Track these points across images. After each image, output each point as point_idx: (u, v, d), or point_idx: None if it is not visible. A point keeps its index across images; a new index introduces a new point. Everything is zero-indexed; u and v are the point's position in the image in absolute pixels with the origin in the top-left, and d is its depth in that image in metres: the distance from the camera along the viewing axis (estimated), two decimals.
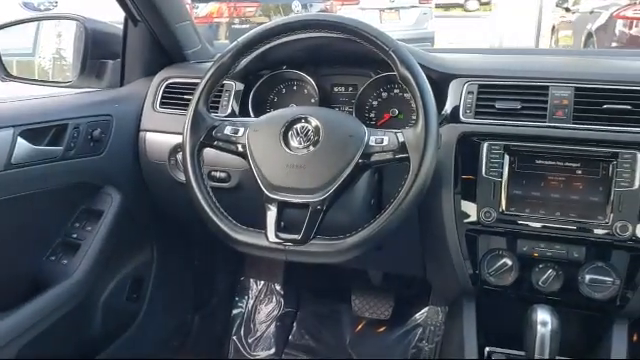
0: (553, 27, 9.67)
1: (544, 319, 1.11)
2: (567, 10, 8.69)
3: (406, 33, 7.41)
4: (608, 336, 1.23)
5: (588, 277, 1.16)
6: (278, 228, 1.07)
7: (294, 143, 1.11)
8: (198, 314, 2.03)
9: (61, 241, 1.46)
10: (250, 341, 2.15)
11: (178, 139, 1.29)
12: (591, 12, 7.70)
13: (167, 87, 1.55)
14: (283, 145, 1.11)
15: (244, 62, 1.26)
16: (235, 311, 2.23)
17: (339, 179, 1.07)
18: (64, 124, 1.35)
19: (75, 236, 1.46)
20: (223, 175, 1.41)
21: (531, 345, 1.11)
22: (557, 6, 8.74)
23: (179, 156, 1.45)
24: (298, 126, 1.12)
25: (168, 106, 1.52)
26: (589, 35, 7.62)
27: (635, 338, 1.68)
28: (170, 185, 1.48)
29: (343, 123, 1.14)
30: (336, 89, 1.48)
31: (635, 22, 6.83)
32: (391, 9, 8.31)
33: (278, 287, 2.26)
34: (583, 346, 1.31)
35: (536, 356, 1.10)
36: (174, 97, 1.52)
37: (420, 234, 1.36)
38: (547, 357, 1.09)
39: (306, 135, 1.11)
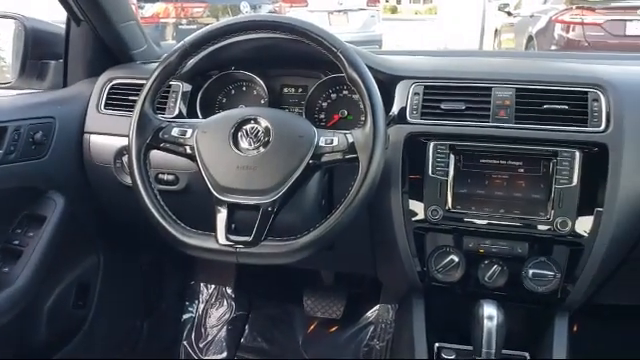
0: (496, 30, 9.98)
1: (490, 314, 1.14)
2: (509, 14, 8.98)
3: (354, 36, 7.50)
4: (551, 328, 1.28)
5: (531, 272, 1.20)
6: (228, 230, 1.06)
7: (244, 144, 1.11)
8: (147, 320, 1.99)
9: (2, 248, 1.40)
10: (201, 345, 2.12)
11: (124, 141, 1.27)
12: (531, 16, 7.98)
13: (112, 88, 1.51)
14: (232, 146, 1.11)
15: (191, 62, 1.24)
16: (185, 316, 2.20)
17: (290, 180, 1.07)
18: (3, 127, 1.30)
19: (17, 243, 1.41)
20: (171, 178, 1.38)
21: (478, 339, 1.14)
22: (499, 10, 9.02)
23: (125, 159, 1.41)
24: (248, 127, 1.12)
25: (113, 107, 1.49)
26: (530, 38, 7.89)
27: (575, 329, 1.76)
28: (116, 189, 1.44)
29: (293, 124, 1.15)
30: (286, 90, 1.48)
31: (572, 26, 7.12)
32: (339, 11, 8.39)
33: (229, 290, 2.24)
34: (528, 338, 1.35)
35: (483, 349, 1.13)
36: (119, 98, 1.48)
37: (370, 233, 1.38)
38: (494, 350, 1.12)
39: (256, 136, 1.11)
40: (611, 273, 1.25)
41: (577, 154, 1.16)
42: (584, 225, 1.17)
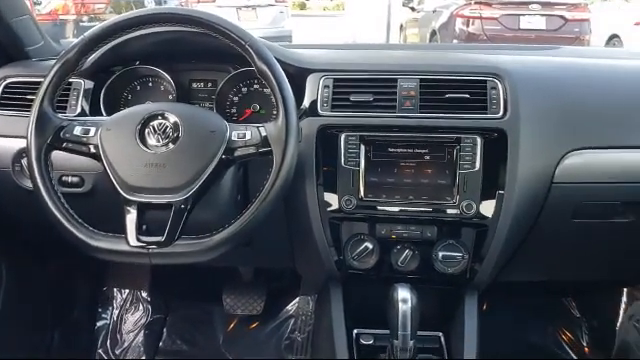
0: (401, 26, 10.28)
1: (404, 297, 1.17)
2: (412, 9, 9.29)
3: (264, 32, 7.46)
4: (461, 307, 1.34)
5: (441, 254, 1.26)
6: (139, 231, 1.03)
7: (152, 141, 1.08)
8: (58, 329, 1.89)
9: None
10: (118, 352, 2.04)
11: (22, 143, 1.19)
12: (434, 11, 8.30)
13: (7, 87, 1.41)
14: (140, 143, 1.07)
15: (93, 58, 1.19)
16: (99, 323, 2.11)
17: (202, 176, 1.05)
18: None
19: None
20: (75, 179, 1.32)
21: (394, 322, 1.18)
22: (403, 6, 9.31)
23: (24, 161, 1.33)
24: (155, 123, 1.09)
25: (9, 108, 1.39)
26: (433, 32, 8.21)
27: (485, 307, 1.86)
28: (16, 194, 1.36)
29: (204, 119, 1.13)
30: (195, 85, 1.45)
31: (472, 20, 7.48)
32: (248, 7, 8.34)
33: (145, 294, 2.17)
34: (441, 318, 1.41)
35: (399, 332, 1.17)
36: (15, 98, 1.39)
37: (287, 226, 1.38)
38: (409, 332, 1.16)
39: (164, 132, 1.08)
40: (514, 252, 1.33)
41: (478, 140, 1.22)
42: (488, 207, 1.23)
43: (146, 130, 1.08)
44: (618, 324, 2.05)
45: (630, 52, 1.97)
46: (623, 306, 2.07)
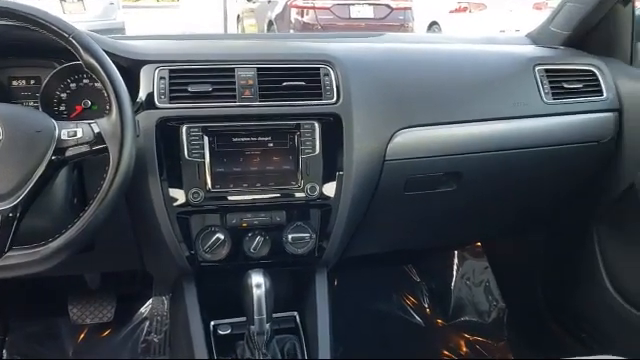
0: (238, 16, 10.27)
1: (258, 282, 1.20)
2: (249, 0, 9.32)
3: (93, 24, 7.02)
4: (313, 285, 1.40)
5: (290, 236, 1.30)
6: None
7: None
8: None
9: None
10: None
11: None
12: (269, 1, 8.41)
13: None
14: None
15: None
16: None
17: (31, 181, 0.98)
18: None
19: None
20: None
21: (249, 308, 1.20)
22: None
23: None
24: None
25: None
26: (270, 23, 8.33)
27: (336, 283, 1.96)
28: None
29: (27, 118, 1.04)
30: (15, 83, 1.33)
31: (306, 10, 7.71)
32: None
33: None
34: (296, 299, 1.46)
35: (255, 317, 1.19)
36: None
37: (132, 226, 1.33)
38: (265, 315, 1.19)
39: None
40: (357, 228, 1.42)
41: (316, 125, 1.28)
42: (330, 188, 1.29)
43: None
44: (452, 284, 2.29)
45: (447, 37, 2.18)
46: (455, 267, 2.31)
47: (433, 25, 9.79)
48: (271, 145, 1.27)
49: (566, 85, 1.52)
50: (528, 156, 1.48)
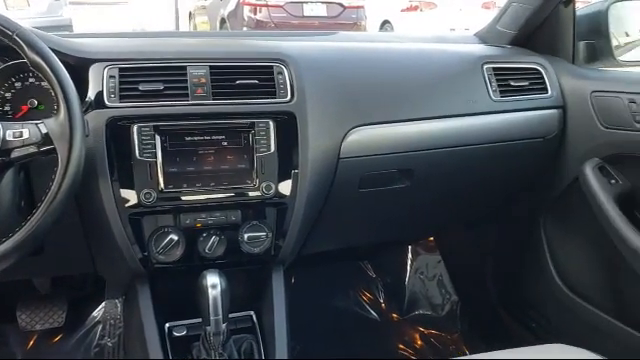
0: (190, 13, 10.12)
1: (213, 282, 1.18)
2: None
3: (37, 21, 6.81)
4: (270, 284, 1.40)
5: (246, 235, 1.29)
6: None
7: None
8: None
9: None
10: None
11: None
12: None
13: None
14: None
15: None
16: None
17: None
18: None
19: None
20: None
21: (205, 309, 1.18)
22: None
23: None
24: None
25: None
26: (223, 20, 8.24)
27: (292, 281, 1.96)
28: None
29: None
30: None
31: (259, 8, 7.67)
32: None
33: None
34: (253, 298, 1.46)
35: (211, 317, 1.18)
36: None
37: (83, 228, 1.30)
38: (221, 316, 1.18)
39: None
40: (313, 225, 1.43)
41: (271, 124, 1.27)
42: (285, 187, 1.29)
43: None
44: (407, 279, 2.33)
45: (399, 36, 2.20)
46: (409, 262, 2.35)
47: (385, 24, 9.92)
48: (225, 144, 1.26)
49: (513, 83, 1.57)
50: (477, 153, 1.52)
